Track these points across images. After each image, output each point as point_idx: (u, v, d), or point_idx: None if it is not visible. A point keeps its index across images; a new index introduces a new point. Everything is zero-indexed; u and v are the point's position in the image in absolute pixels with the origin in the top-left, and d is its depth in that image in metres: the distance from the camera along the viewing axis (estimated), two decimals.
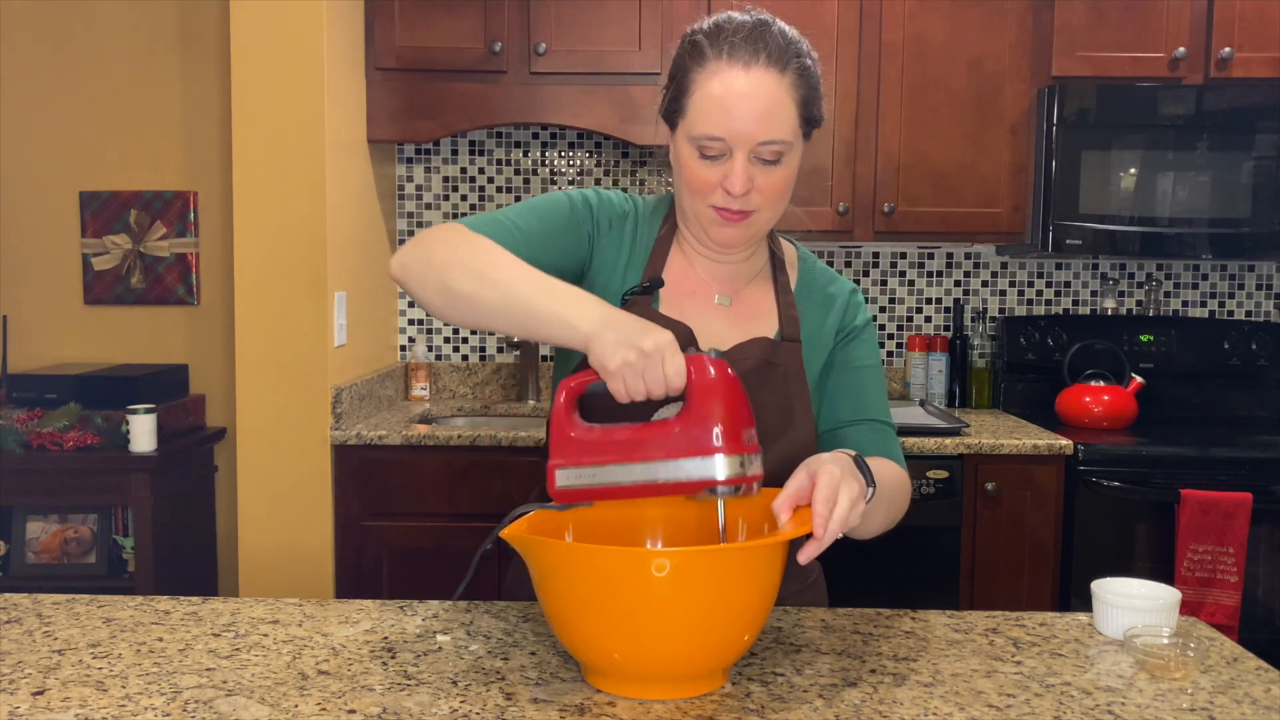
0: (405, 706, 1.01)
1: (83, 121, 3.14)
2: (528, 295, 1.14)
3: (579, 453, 1.11)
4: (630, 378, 1.07)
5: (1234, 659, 1.17)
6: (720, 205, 1.25)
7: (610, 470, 1.10)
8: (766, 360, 1.31)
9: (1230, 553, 2.52)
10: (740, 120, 1.20)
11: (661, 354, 1.06)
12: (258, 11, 2.57)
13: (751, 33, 1.22)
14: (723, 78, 1.21)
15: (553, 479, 1.12)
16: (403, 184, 3.28)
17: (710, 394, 1.06)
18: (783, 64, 1.21)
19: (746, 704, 1.02)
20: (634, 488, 1.09)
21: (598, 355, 1.09)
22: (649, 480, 1.08)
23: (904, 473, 1.35)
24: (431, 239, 1.22)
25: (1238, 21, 2.82)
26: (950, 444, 2.63)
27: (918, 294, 3.31)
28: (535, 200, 1.32)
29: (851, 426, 1.36)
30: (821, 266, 1.44)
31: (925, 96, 2.89)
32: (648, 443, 1.08)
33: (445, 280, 1.18)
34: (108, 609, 1.29)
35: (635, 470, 1.09)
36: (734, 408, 1.07)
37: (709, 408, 1.06)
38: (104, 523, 2.87)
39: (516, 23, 2.85)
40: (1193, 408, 3.14)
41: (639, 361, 1.06)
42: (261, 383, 2.62)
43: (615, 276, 1.34)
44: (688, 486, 1.07)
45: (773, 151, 1.22)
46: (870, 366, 1.39)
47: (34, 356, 3.17)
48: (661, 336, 1.08)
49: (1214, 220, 2.81)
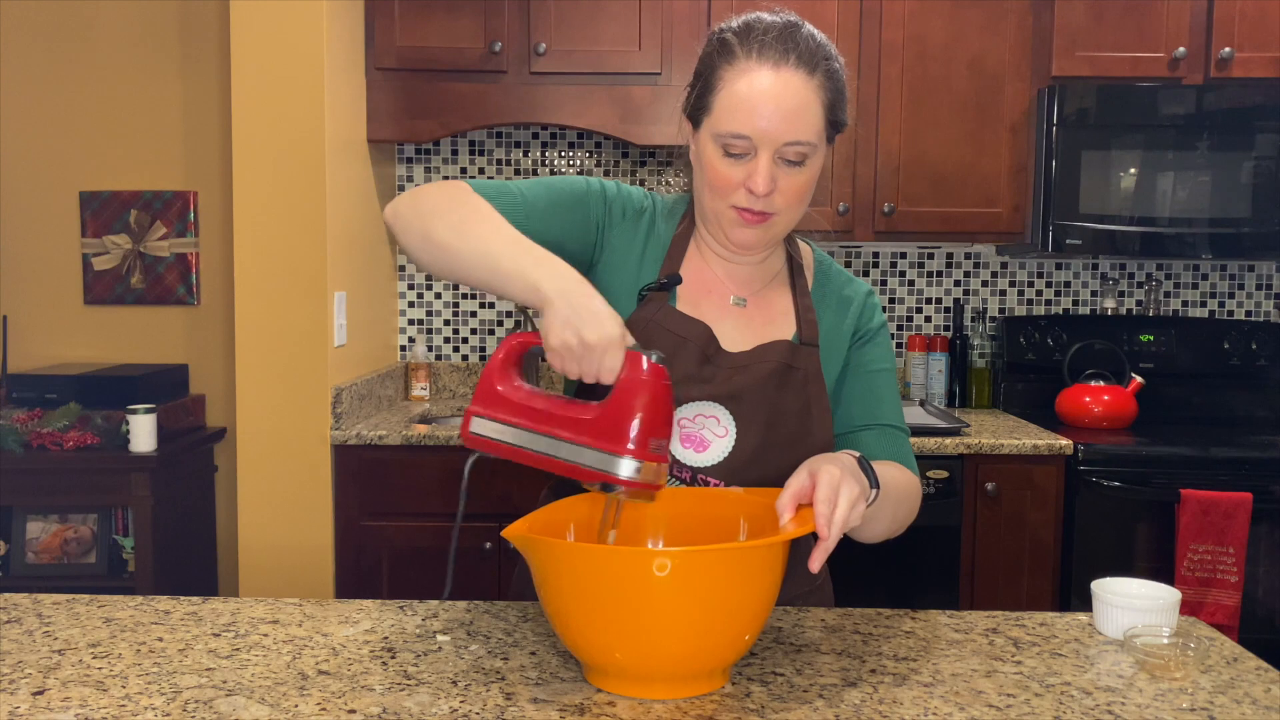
0: (405, 706, 1.01)
1: (83, 121, 3.14)
2: (499, 250, 1.15)
3: (498, 406, 1.13)
4: (567, 361, 1.09)
5: (1234, 659, 1.17)
6: (742, 206, 1.24)
7: (520, 433, 1.12)
8: (786, 364, 1.30)
9: (1230, 553, 2.52)
10: (767, 119, 1.19)
11: (602, 349, 1.07)
12: (258, 11, 2.57)
13: (782, 33, 1.21)
14: (751, 77, 1.20)
15: (467, 423, 1.15)
16: (403, 184, 3.28)
17: (633, 394, 1.07)
18: (812, 66, 1.21)
19: (746, 704, 1.02)
20: (536, 456, 1.11)
21: (545, 324, 1.10)
22: (550, 455, 1.10)
23: (914, 478, 1.34)
24: (428, 189, 1.24)
25: (1238, 21, 2.82)
26: (950, 444, 2.63)
27: (918, 294, 3.31)
28: (553, 178, 1.32)
29: (864, 431, 1.35)
30: (838, 268, 1.43)
31: (925, 96, 2.89)
32: (561, 420, 1.10)
33: (428, 228, 1.20)
34: (108, 609, 1.29)
35: (540, 441, 1.11)
36: (652, 414, 1.07)
37: (627, 407, 1.07)
38: (104, 523, 2.87)
39: (516, 23, 2.85)
40: (1193, 408, 3.14)
41: (577, 349, 1.08)
42: (261, 383, 2.62)
43: (628, 271, 1.33)
44: (584, 473, 1.09)
45: (797, 153, 1.21)
46: (884, 370, 1.38)
47: (34, 356, 3.17)
48: (609, 329, 1.08)
49: (1214, 220, 2.81)
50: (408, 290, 3.31)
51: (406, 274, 3.30)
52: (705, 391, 1.28)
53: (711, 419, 1.28)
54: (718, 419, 1.28)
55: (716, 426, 1.28)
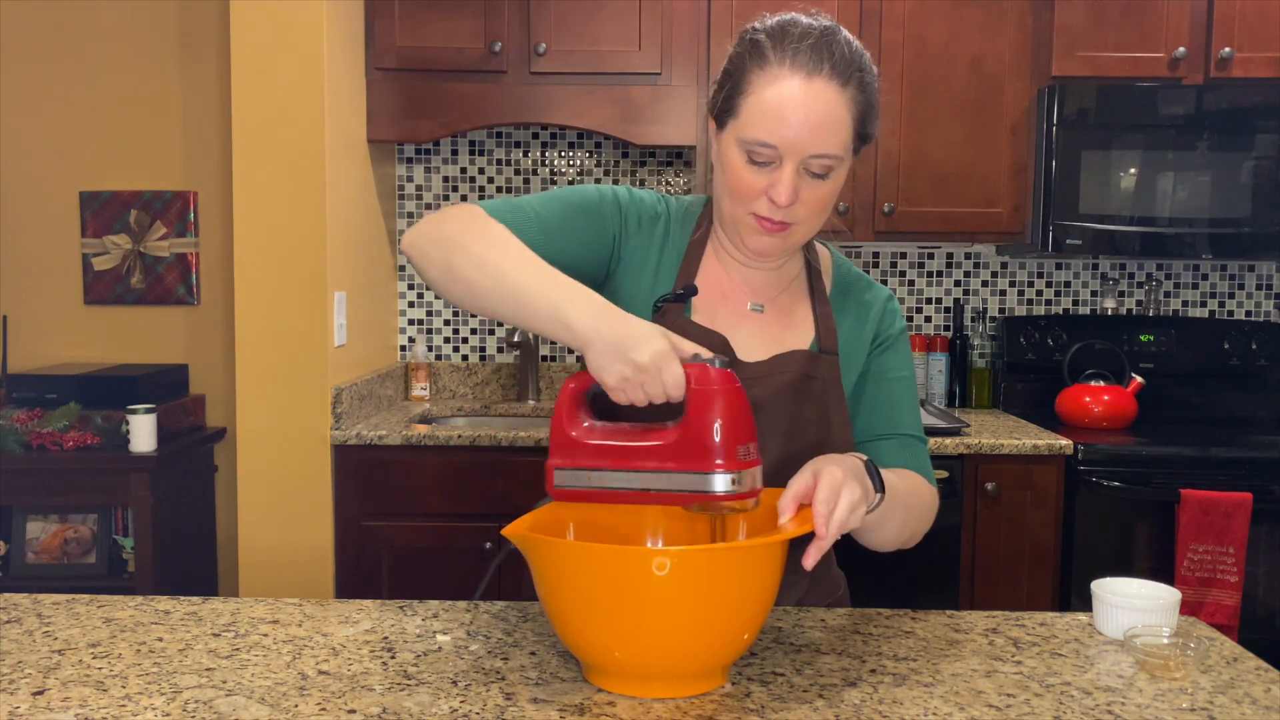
0: (405, 706, 1.01)
1: (83, 121, 3.14)
2: (524, 283, 1.12)
3: (577, 454, 1.10)
4: (630, 390, 1.06)
5: (1234, 659, 1.17)
6: (762, 214, 1.21)
7: (605, 475, 1.09)
8: (805, 374, 1.29)
9: (1230, 553, 2.52)
10: (795, 130, 1.16)
11: (658, 367, 1.04)
12: (258, 11, 2.57)
13: (818, 41, 1.17)
14: (782, 84, 1.16)
15: (551, 478, 1.12)
16: (403, 184, 3.28)
17: (707, 406, 1.04)
18: (845, 78, 1.17)
19: (746, 704, 1.02)
20: (629, 494, 1.08)
21: (594, 368, 1.07)
22: (642, 489, 1.07)
23: (928, 487, 1.33)
24: (446, 218, 1.20)
25: (1238, 21, 2.82)
26: (950, 444, 2.63)
27: (918, 294, 3.31)
28: (564, 190, 1.30)
29: (882, 440, 1.33)
30: (856, 272, 1.40)
31: (925, 96, 2.89)
32: (643, 452, 1.07)
33: (450, 261, 1.17)
34: (108, 609, 1.29)
35: (629, 478, 1.08)
36: (732, 422, 1.04)
37: (705, 421, 1.04)
38: (104, 523, 2.87)
39: (516, 23, 2.85)
40: (1193, 408, 3.14)
41: (635, 376, 1.04)
42: (261, 383, 2.62)
43: (645, 279, 1.31)
44: (681, 498, 1.06)
45: (822, 165, 1.18)
46: (903, 377, 1.36)
47: (34, 356, 3.17)
48: (657, 345, 1.05)
49: (1214, 220, 2.81)
50: (408, 290, 3.31)
51: (406, 274, 3.30)
52: None
53: None
54: None
55: None
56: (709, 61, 2.86)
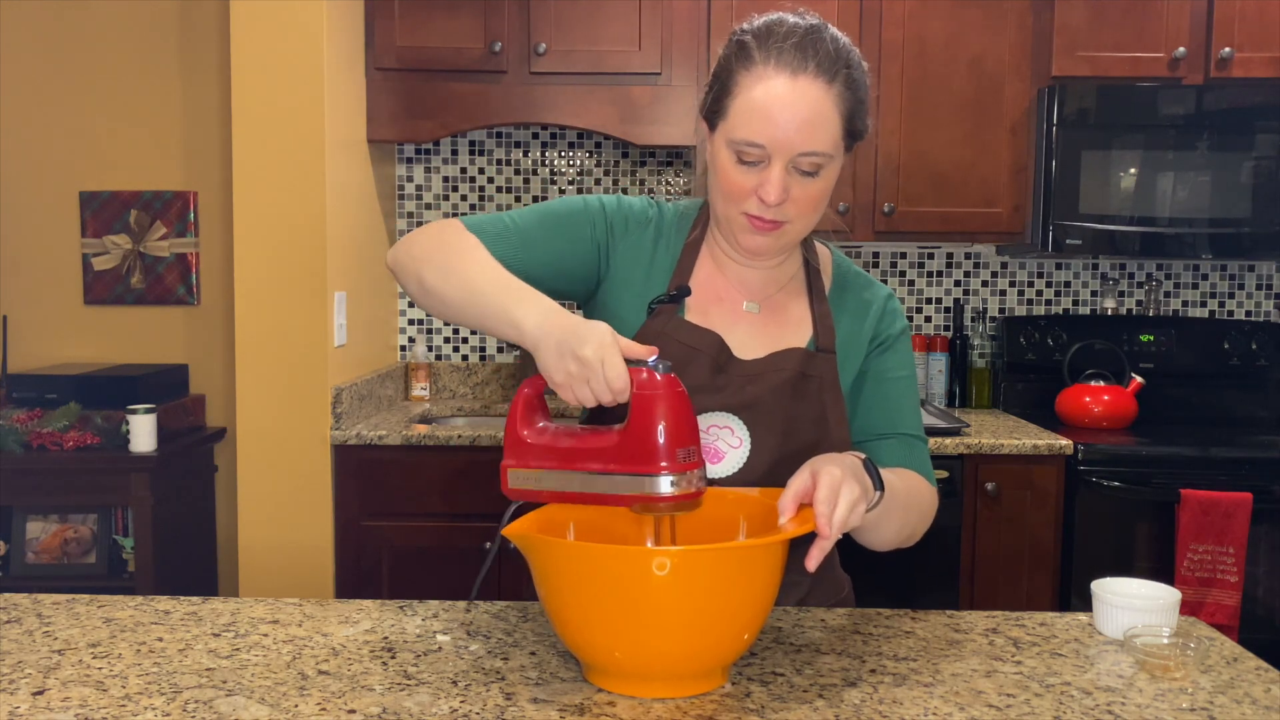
0: (405, 706, 1.01)
1: (83, 121, 3.14)
2: (482, 289, 1.16)
3: (528, 455, 1.12)
4: (577, 388, 1.06)
5: (1234, 659, 1.17)
6: (754, 213, 1.22)
7: (554, 476, 1.11)
8: (801, 372, 1.28)
9: (1230, 553, 2.52)
10: (782, 129, 1.16)
11: (600, 360, 1.04)
12: (258, 11, 2.57)
13: (803, 39, 1.17)
14: (768, 84, 1.17)
15: (505, 478, 1.14)
16: (403, 184, 3.28)
17: (649, 409, 1.05)
18: (831, 74, 1.18)
19: (746, 704, 1.02)
20: (576, 495, 1.10)
21: (542, 367, 1.09)
22: (588, 490, 1.09)
23: (928, 486, 1.33)
24: (421, 233, 1.25)
25: (1238, 21, 2.82)
26: (950, 444, 2.63)
27: (918, 294, 3.31)
28: (548, 202, 1.32)
29: (882, 440, 1.33)
30: (856, 271, 1.40)
31: (925, 96, 2.89)
32: (589, 453, 1.09)
33: (421, 273, 1.21)
34: (108, 609, 1.29)
35: (575, 479, 1.10)
36: (674, 425, 1.05)
37: (647, 424, 1.05)
38: (104, 523, 2.87)
39: (516, 23, 2.85)
40: (1193, 408, 3.14)
41: (580, 371, 1.05)
42: (261, 383, 2.62)
43: (636, 283, 1.31)
44: (625, 499, 1.07)
45: (811, 163, 1.18)
46: (903, 377, 1.35)
47: (34, 356, 3.17)
48: (600, 339, 1.05)
49: (1214, 220, 2.81)
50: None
51: None
52: (718, 401, 1.26)
53: (725, 429, 1.26)
54: (732, 429, 1.26)
55: (730, 437, 1.26)
56: (709, 62, 2.84)
